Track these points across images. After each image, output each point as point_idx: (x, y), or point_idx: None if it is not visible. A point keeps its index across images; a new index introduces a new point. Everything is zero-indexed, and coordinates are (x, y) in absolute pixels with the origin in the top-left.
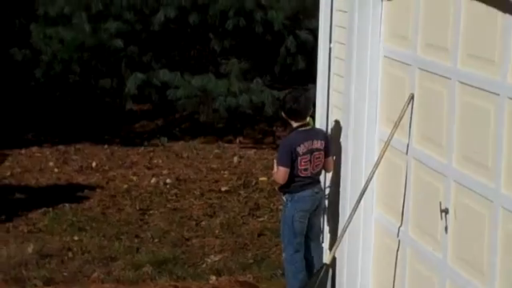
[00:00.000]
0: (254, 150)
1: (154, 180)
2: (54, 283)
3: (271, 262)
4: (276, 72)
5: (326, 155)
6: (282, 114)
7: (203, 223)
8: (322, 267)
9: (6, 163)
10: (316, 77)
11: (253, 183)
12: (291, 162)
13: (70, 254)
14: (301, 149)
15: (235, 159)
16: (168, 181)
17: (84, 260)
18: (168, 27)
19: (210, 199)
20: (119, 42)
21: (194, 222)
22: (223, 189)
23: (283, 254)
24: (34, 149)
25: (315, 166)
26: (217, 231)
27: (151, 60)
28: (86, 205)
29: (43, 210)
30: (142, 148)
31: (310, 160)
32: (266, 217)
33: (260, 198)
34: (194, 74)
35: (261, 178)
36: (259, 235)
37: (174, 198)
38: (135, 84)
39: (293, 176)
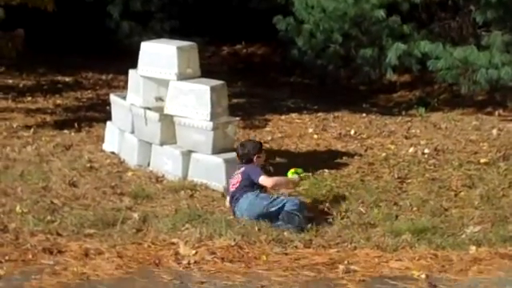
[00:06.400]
0: None
1: (411, 149)
2: (314, 246)
3: None
4: None
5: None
6: None
7: (462, 194)
8: None
9: (267, 128)
10: None
11: None
12: None
13: (330, 219)
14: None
15: (494, 131)
16: (426, 151)
17: (343, 225)
18: None
19: (469, 170)
20: (381, 13)
21: (452, 193)
22: (482, 160)
23: None
24: (294, 115)
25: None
26: (476, 202)
27: (412, 31)
28: (344, 171)
29: (303, 174)
30: (400, 118)
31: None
32: None
33: None
34: (456, 45)
35: None
36: None
37: (432, 167)
38: (396, 54)
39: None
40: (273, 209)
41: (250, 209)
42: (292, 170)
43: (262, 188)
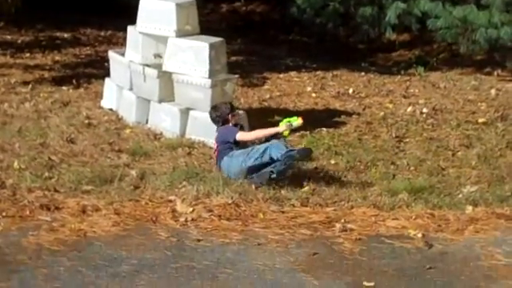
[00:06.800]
0: None
1: (410, 109)
2: (311, 205)
3: None
4: None
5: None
6: None
7: (459, 154)
8: None
9: (266, 86)
10: None
11: (511, 116)
12: None
13: (327, 178)
14: None
15: (493, 92)
16: (424, 110)
17: (340, 184)
18: None
19: (467, 130)
20: None
21: (450, 152)
22: (480, 120)
23: None
24: (293, 74)
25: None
26: (473, 162)
27: None
28: (342, 130)
29: (301, 133)
30: (399, 77)
31: None
32: None
33: None
34: (455, 4)
35: None
36: None
37: (430, 127)
38: (396, 13)
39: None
40: (250, 161)
41: (230, 172)
42: (285, 120)
43: (238, 145)
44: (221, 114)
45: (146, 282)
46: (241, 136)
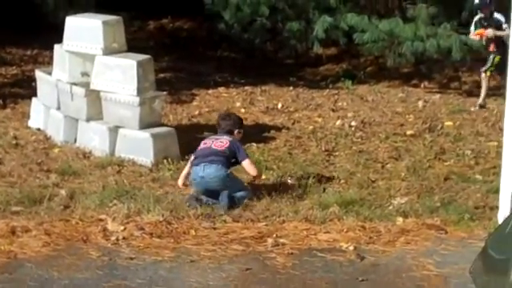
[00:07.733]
0: (439, 95)
1: (339, 122)
2: (242, 220)
3: (458, 206)
4: (463, 17)
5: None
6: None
7: (389, 166)
8: None
9: (195, 103)
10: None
11: (438, 127)
12: None
13: (258, 193)
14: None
15: (420, 103)
16: (353, 123)
17: (272, 199)
18: None
19: (396, 142)
20: None
21: (379, 165)
22: (408, 132)
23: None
24: (221, 89)
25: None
26: (402, 174)
27: (338, 4)
28: (272, 145)
29: None
30: (327, 91)
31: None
32: (452, 161)
33: (446, 143)
34: (381, 17)
35: (446, 123)
36: (446, 179)
37: (359, 140)
38: (323, 27)
39: None
40: (233, 190)
41: (214, 181)
42: None
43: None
44: (230, 124)
45: None
46: (248, 165)
